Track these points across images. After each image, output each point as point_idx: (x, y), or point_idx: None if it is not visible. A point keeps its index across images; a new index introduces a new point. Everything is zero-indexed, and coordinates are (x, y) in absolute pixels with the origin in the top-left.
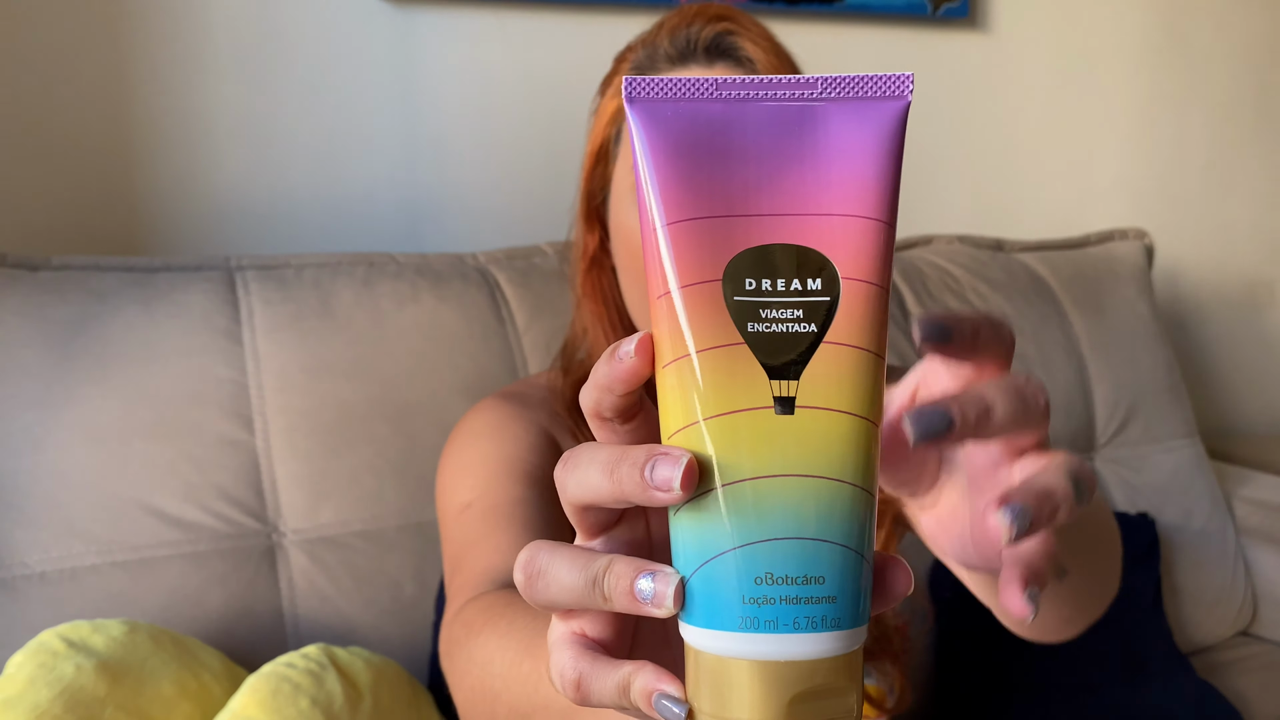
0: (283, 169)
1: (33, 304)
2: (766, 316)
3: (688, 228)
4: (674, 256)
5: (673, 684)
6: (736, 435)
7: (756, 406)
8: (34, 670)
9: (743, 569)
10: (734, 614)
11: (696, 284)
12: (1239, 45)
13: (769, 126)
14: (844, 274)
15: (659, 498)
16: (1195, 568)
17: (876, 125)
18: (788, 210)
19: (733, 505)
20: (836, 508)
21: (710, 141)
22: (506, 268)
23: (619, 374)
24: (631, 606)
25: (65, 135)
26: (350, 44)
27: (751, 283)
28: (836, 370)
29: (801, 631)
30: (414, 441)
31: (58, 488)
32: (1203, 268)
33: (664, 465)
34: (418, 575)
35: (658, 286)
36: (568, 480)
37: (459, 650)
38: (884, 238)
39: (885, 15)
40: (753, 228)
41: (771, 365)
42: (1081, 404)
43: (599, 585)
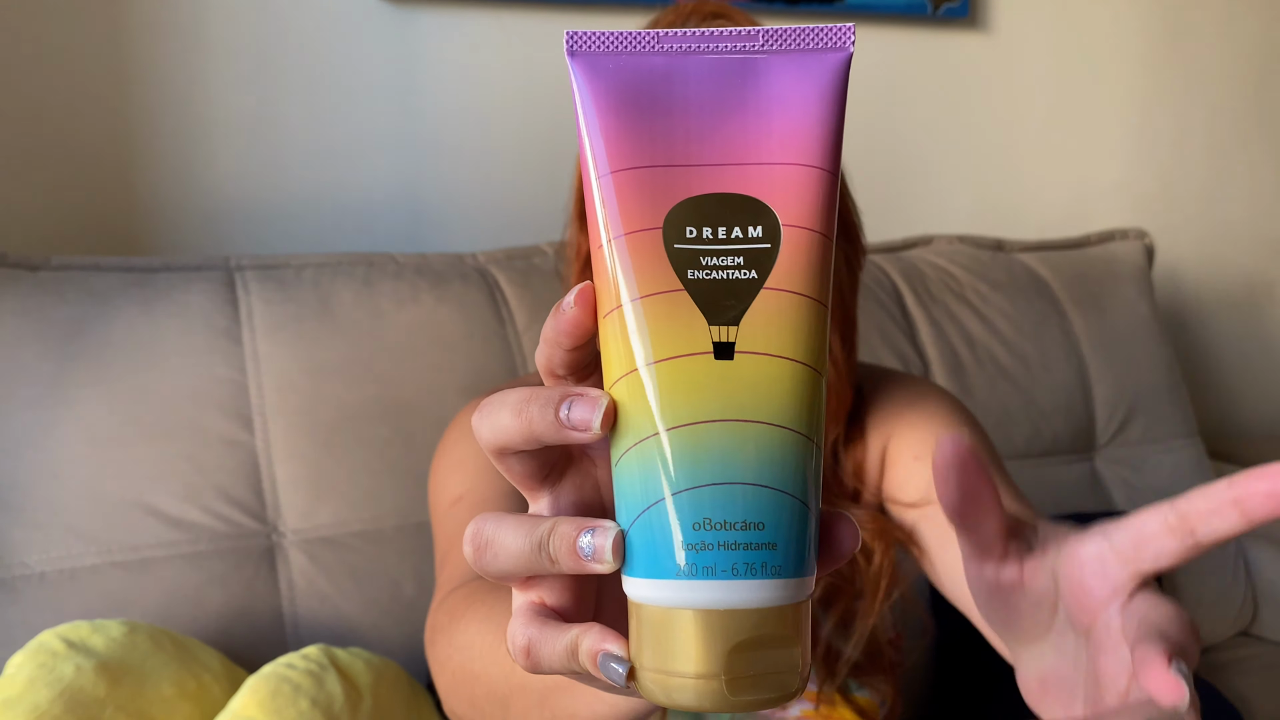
0: (283, 169)
1: (32, 304)
2: (706, 264)
3: (628, 176)
4: (615, 205)
5: (617, 643)
6: (676, 381)
7: (695, 352)
8: (34, 671)
9: (681, 515)
10: (672, 561)
11: (637, 232)
12: (1239, 45)
13: (711, 78)
14: (785, 221)
15: (575, 436)
16: (1195, 568)
17: (818, 75)
18: (729, 160)
19: (672, 451)
20: (776, 453)
21: (652, 93)
22: (506, 268)
23: (562, 326)
24: (575, 565)
25: (65, 135)
26: (350, 44)
27: (692, 231)
28: (778, 316)
29: (740, 578)
30: (413, 441)
31: (57, 488)
32: (1203, 268)
33: (581, 405)
34: (417, 575)
35: (598, 235)
36: (481, 425)
37: (442, 636)
38: (826, 185)
39: (885, 15)
40: (694, 177)
41: (710, 311)
42: (1082, 404)
43: (544, 548)
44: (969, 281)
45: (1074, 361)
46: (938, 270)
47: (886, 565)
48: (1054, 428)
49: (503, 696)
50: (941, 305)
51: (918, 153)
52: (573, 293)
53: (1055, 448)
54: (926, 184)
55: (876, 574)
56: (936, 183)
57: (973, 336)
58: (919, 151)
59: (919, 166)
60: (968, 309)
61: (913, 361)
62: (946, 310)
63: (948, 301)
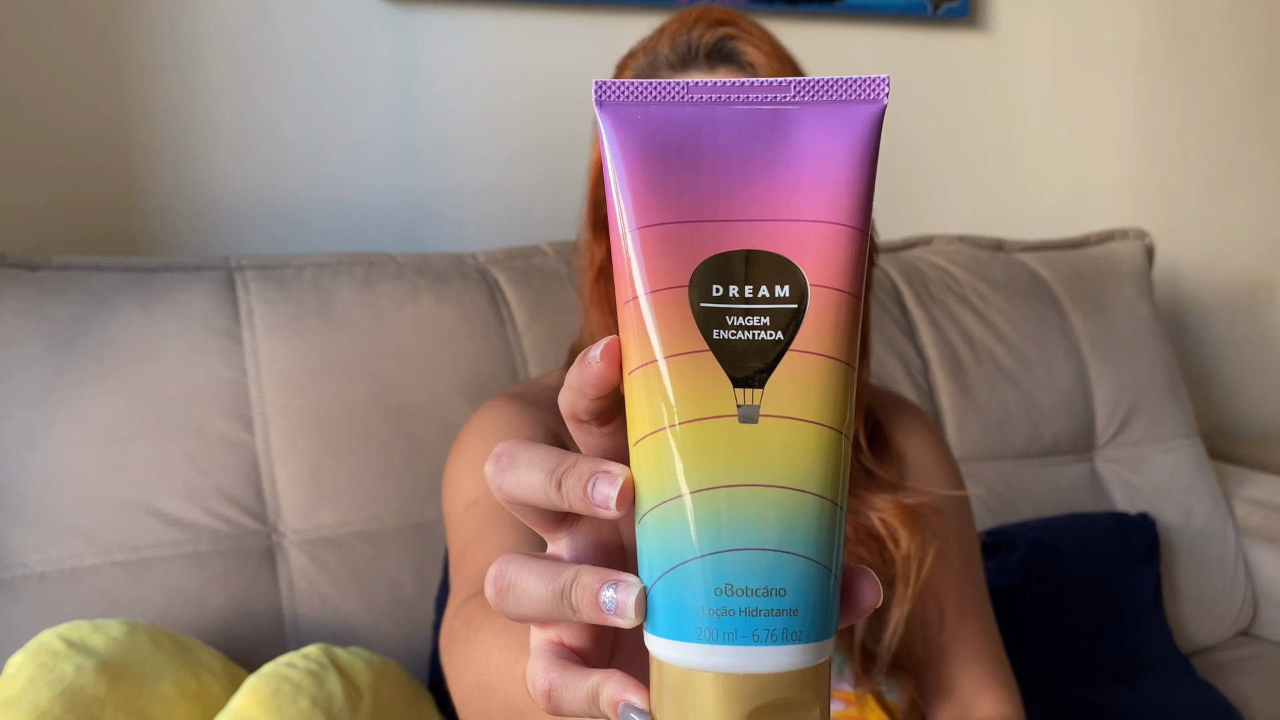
0: (282, 169)
1: (32, 304)
2: (732, 324)
3: (656, 233)
4: (642, 261)
5: (638, 693)
6: (701, 443)
7: (720, 415)
8: (34, 670)
9: (703, 579)
10: (694, 625)
11: (663, 289)
12: (1239, 45)
13: (741, 130)
14: (813, 281)
15: (600, 514)
16: (1195, 568)
17: (850, 129)
18: (757, 215)
19: (695, 514)
20: (799, 519)
21: (680, 145)
22: (506, 268)
23: (588, 378)
24: (597, 617)
25: (65, 135)
26: (350, 44)
27: (718, 289)
28: (803, 379)
29: (761, 644)
30: (414, 441)
31: (57, 488)
32: (1203, 268)
33: (603, 483)
34: (418, 575)
35: (625, 291)
36: (504, 479)
37: (458, 646)
38: (856, 244)
39: (885, 15)
40: (721, 233)
41: (736, 374)
42: (1082, 404)
43: (566, 597)
44: (969, 281)
45: (1074, 361)
46: (938, 270)
47: (915, 550)
48: (1054, 428)
49: (520, 712)
50: (941, 305)
51: (918, 153)
52: (599, 346)
53: (1055, 448)
54: (926, 184)
55: (906, 560)
56: (936, 183)
57: (973, 336)
58: (919, 151)
59: (919, 166)
60: (968, 309)
61: (913, 361)
62: (946, 310)
63: (948, 301)
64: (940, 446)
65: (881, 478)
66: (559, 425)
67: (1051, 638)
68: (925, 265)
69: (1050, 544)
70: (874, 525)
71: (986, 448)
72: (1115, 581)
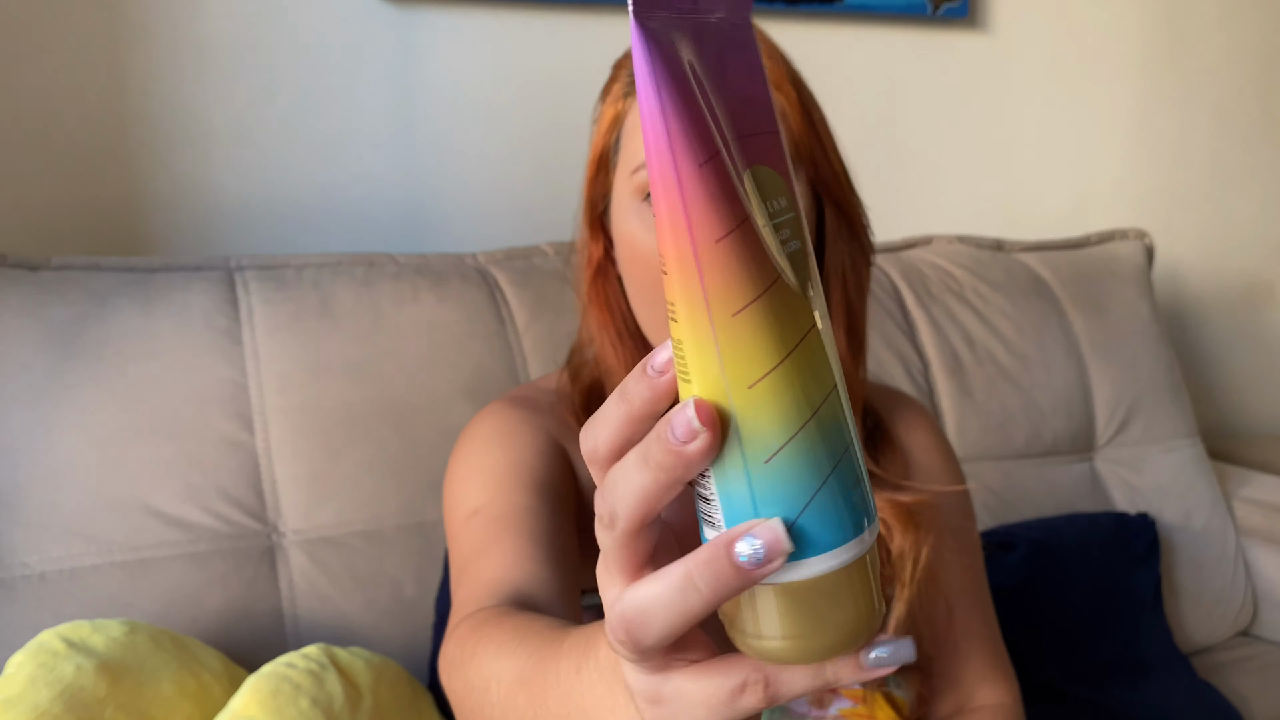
0: (283, 169)
1: (33, 304)
2: (784, 238)
3: (720, 161)
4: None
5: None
6: (805, 367)
7: (809, 329)
8: (34, 670)
9: (845, 481)
10: (852, 524)
11: (743, 222)
12: (1239, 45)
13: (717, 40)
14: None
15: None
16: (1195, 568)
17: (755, 42)
18: (752, 129)
19: (817, 435)
20: (846, 406)
21: (704, 63)
22: (506, 268)
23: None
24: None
25: (65, 135)
26: (350, 44)
27: (765, 209)
28: (814, 275)
29: (871, 524)
30: (414, 441)
31: (58, 488)
32: (1203, 268)
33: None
34: (418, 575)
35: (713, 230)
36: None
37: (456, 671)
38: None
39: (885, 15)
40: (747, 149)
41: (805, 287)
42: (1081, 404)
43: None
44: (969, 282)
45: (1074, 361)
46: (938, 270)
47: (909, 548)
48: (1054, 428)
49: None
50: (941, 305)
51: (918, 153)
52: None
53: (1055, 448)
54: (926, 184)
55: (900, 558)
56: (936, 183)
57: (973, 336)
58: (919, 151)
59: (919, 166)
60: (968, 309)
61: (912, 362)
62: (946, 310)
63: (948, 302)
64: (941, 441)
65: (881, 477)
66: (559, 432)
67: (1051, 637)
68: (925, 265)
69: (1050, 544)
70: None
71: (987, 448)
72: (1115, 581)
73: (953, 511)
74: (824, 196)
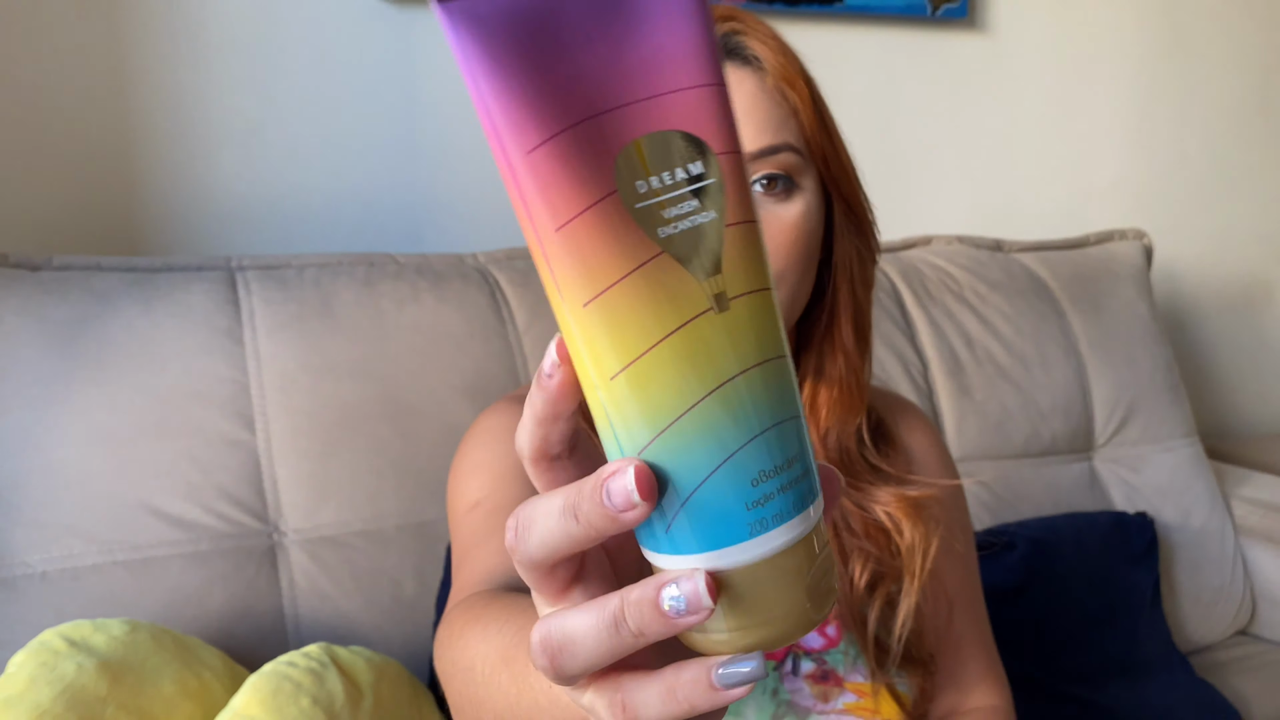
0: (283, 169)
1: (34, 304)
2: (671, 216)
3: (562, 142)
4: (554, 183)
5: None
6: (690, 351)
7: (697, 314)
8: (35, 669)
9: (740, 476)
10: (743, 523)
11: (594, 204)
12: (1238, 45)
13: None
14: (715, 150)
15: (628, 517)
16: (1194, 567)
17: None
18: (641, 94)
19: (706, 423)
20: (784, 383)
21: (541, 35)
22: (506, 268)
23: (554, 391)
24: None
25: (66, 135)
26: (350, 44)
27: (643, 184)
28: (744, 250)
29: (800, 512)
30: (414, 441)
31: (59, 487)
32: (1202, 268)
33: (615, 481)
34: (418, 574)
35: (551, 218)
36: (528, 544)
37: (445, 653)
38: (727, 102)
39: (885, 16)
40: (618, 123)
41: (697, 266)
42: (1080, 404)
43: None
44: (968, 282)
45: (1073, 361)
46: (937, 270)
47: (919, 541)
48: (1053, 427)
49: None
50: (941, 305)
51: (917, 153)
52: (549, 354)
53: (1054, 447)
54: (926, 184)
55: (910, 551)
56: (936, 183)
57: (972, 336)
58: (918, 152)
59: (918, 167)
60: (967, 309)
61: (912, 362)
62: (946, 310)
63: (947, 302)
64: (940, 444)
65: (886, 471)
66: None
67: (1050, 637)
68: (924, 265)
69: (1049, 543)
70: (880, 518)
71: (986, 447)
72: (1114, 581)
73: (951, 512)
74: (833, 193)
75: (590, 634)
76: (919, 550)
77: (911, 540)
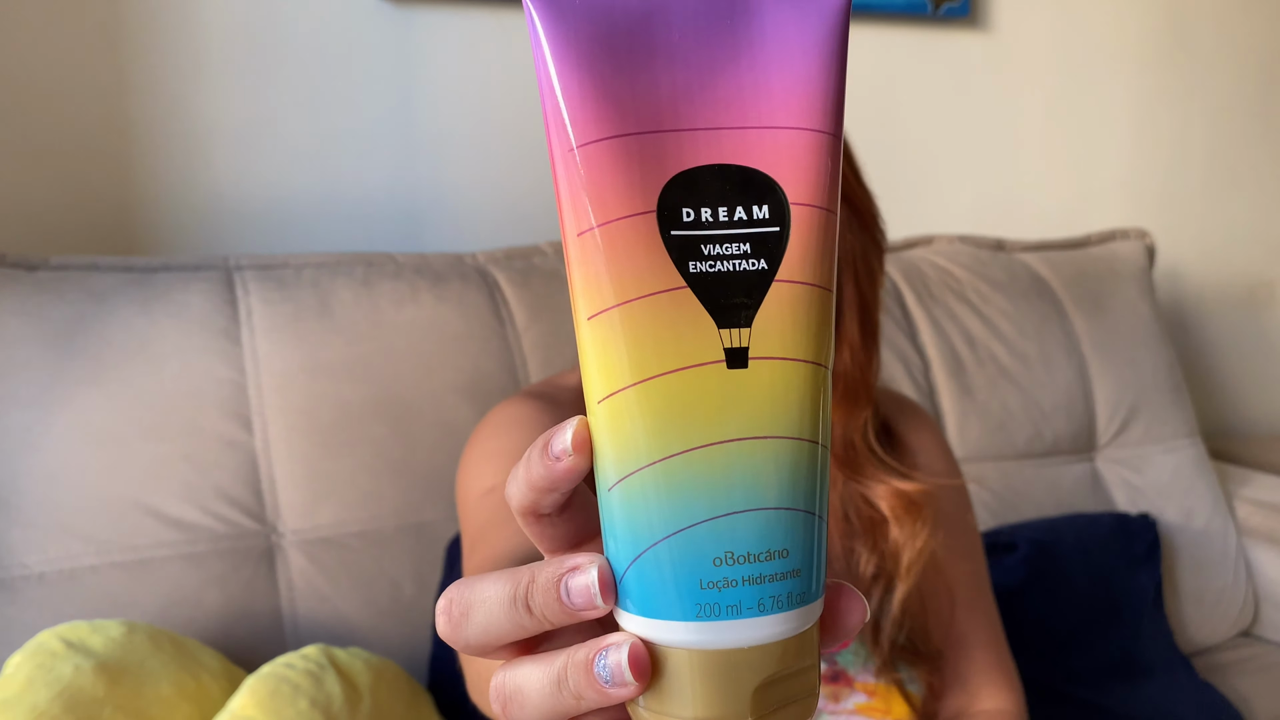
0: (282, 169)
1: (31, 304)
2: (710, 253)
3: (610, 147)
4: (594, 184)
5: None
6: (683, 397)
7: (705, 361)
8: (32, 671)
9: (699, 550)
10: (692, 601)
11: (625, 217)
12: (1241, 44)
13: (696, 19)
14: (793, 199)
15: (588, 614)
16: (1196, 568)
17: (819, 19)
18: (724, 123)
19: (685, 477)
20: (799, 470)
21: (629, 40)
22: (506, 268)
23: (558, 476)
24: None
25: (64, 135)
26: (350, 44)
27: (690, 213)
28: (791, 313)
29: (767, 613)
30: (413, 442)
31: (56, 488)
32: (1204, 268)
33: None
34: (417, 575)
35: (577, 221)
36: (465, 632)
37: None
38: (834, 154)
39: (885, 14)
40: (685, 145)
41: (720, 312)
42: (1082, 404)
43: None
44: (970, 281)
45: (1075, 361)
46: (938, 270)
47: (906, 537)
48: (1055, 428)
49: None
50: (942, 305)
51: (918, 152)
52: (568, 434)
53: (1056, 448)
54: (927, 184)
55: (897, 546)
56: (937, 182)
57: (973, 336)
58: (919, 151)
59: (919, 166)
60: (968, 309)
61: (913, 361)
62: (947, 310)
63: (948, 301)
64: (944, 446)
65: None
66: None
67: (1052, 638)
68: (926, 265)
69: (1051, 544)
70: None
71: (987, 448)
72: (1116, 582)
73: (957, 509)
74: None
75: (536, 690)
76: (906, 546)
77: (898, 536)
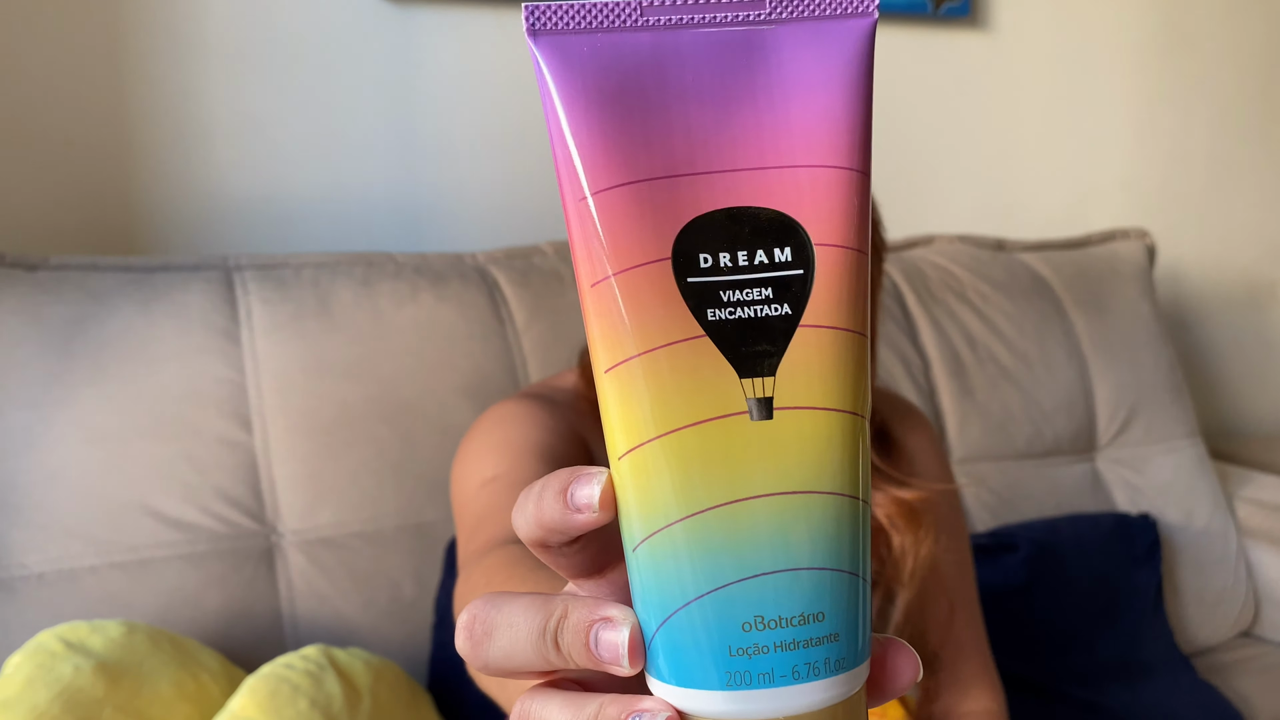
0: (282, 168)
1: (31, 304)
2: (730, 300)
3: (623, 194)
4: (608, 232)
5: None
6: (708, 450)
7: (727, 414)
8: (32, 671)
9: (726, 615)
10: (720, 669)
11: (639, 265)
12: (1241, 44)
13: (711, 58)
14: (817, 240)
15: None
16: (1197, 568)
17: (841, 50)
18: (742, 164)
19: (710, 536)
20: (832, 526)
21: (640, 82)
22: (506, 267)
23: (573, 525)
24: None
25: (64, 135)
26: (350, 44)
27: (707, 259)
28: (819, 359)
29: (801, 681)
30: (413, 442)
31: (56, 488)
32: (1205, 268)
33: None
34: (416, 576)
35: (591, 272)
36: (487, 652)
37: None
38: (861, 191)
39: (885, 14)
40: (702, 189)
41: (742, 361)
42: (1083, 404)
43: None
44: (970, 281)
45: (1075, 361)
46: (939, 270)
47: (909, 545)
48: (1055, 428)
49: None
50: (943, 305)
51: (918, 152)
52: (595, 487)
53: (1056, 448)
54: (927, 184)
55: (901, 554)
56: (937, 182)
57: (974, 336)
58: (920, 151)
59: (920, 166)
60: (969, 309)
61: (913, 361)
62: (947, 310)
63: (949, 301)
64: (938, 448)
65: (887, 472)
66: (583, 427)
67: (1052, 638)
68: (926, 265)
69: (1051, 545)
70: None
71: (988, 448)
72: (1116, 582)
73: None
74: None
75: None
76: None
77: (901, 544)
